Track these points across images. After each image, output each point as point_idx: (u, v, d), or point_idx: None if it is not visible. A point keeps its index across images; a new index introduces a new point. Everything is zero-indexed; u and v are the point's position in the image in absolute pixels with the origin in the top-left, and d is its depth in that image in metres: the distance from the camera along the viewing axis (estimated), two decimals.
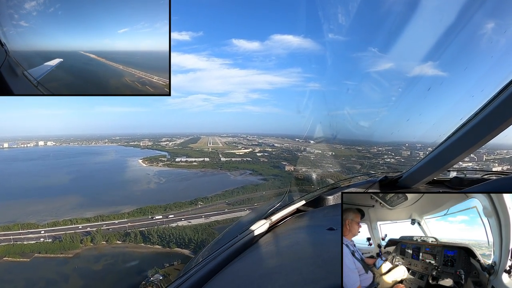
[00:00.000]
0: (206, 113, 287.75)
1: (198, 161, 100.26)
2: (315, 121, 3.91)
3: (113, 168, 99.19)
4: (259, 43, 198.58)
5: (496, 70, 2.63)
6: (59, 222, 60.51)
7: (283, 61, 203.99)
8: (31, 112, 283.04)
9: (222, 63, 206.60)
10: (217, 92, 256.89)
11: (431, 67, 3.10)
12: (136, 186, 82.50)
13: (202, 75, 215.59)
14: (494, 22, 2.73)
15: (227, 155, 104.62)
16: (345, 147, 5.73)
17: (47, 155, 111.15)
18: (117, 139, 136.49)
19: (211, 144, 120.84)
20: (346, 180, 3.54)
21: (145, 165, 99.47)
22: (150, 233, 56.41)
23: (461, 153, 2.64)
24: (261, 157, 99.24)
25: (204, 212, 65.17)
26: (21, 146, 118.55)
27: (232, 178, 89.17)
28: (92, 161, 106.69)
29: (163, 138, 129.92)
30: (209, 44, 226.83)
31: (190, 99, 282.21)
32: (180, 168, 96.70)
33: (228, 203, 68.17)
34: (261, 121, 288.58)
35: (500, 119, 2.20)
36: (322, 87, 5.48)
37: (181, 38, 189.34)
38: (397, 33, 3.42)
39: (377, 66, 5.73)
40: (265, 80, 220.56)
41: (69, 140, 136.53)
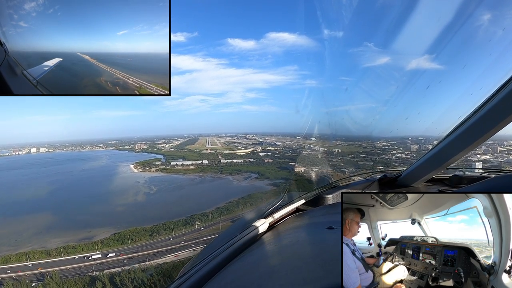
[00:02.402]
0: (204, 114, 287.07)
1: (196, 164, 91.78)
2: (314, 119, 3.90)
3: (100, 176, 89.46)
4: (255, 41, 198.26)
5: (495, 68, 2.64)
6: (12, 257, 48.00)
7: (279, 59, 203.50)
8: (27, 119, 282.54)
9: (218, 63, 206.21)
10: (214, 93, 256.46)
11: (429, 64, 3.10)
12: (121, 199, 70.38)
13: (199, 76, 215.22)
14: (493, 19, 2.73)
15: (227, 156, 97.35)
16: (348, 144, 5.68)
17: (34, 163, 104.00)
18: (113, 143, 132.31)
19: (210, 144, 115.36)
20: (345, 179, 3.54)
21: (136, 171, 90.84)
22: (124, 282, 39.45)
23: (460, 151, 2.64)
24: (265, 157, 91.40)
25: (202, 235, 50.92)
26: (12, 154, 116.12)
27: (235, 184, 78.23)
28: (80, 168, 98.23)
29: (160, 141, 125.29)
30: (204, 45, 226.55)
31: (187, 101, 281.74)
32: (175, 174, 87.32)
33: (233, 220, 45.20)
34: (259, 120, 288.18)
35: (499, 117, 2.20)
36: (319, 84, 5.50)
37: (176, 40, 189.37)
38: (395, 30, 3.41)
39: (375, 62, 5.70)
40: (261, 79, 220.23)
41: (63, 146, 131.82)
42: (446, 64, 3.17)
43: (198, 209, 61.17)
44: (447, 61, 3.09)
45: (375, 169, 4.25)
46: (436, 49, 2.98)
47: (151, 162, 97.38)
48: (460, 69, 3.14)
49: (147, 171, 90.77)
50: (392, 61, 3.92)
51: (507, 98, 2.10)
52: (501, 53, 2.78)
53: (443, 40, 2.87)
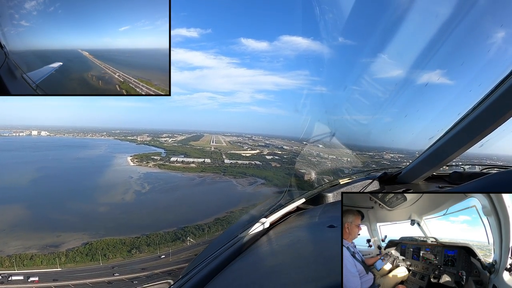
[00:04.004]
0: (211, 112, 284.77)
1: (197, 162, 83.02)
2: (321, 125, 3.88)
3: (93, 166, 79.85)
4: (268, 43, 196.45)
5: (494, 64, 2.64)
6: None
7: (291, 62, 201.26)
8: (37, 102, 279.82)
9: (230, 62, 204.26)
10: (223, 91, 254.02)
11: (428, 62, 3.08)
12: (106, 197, 59.46)
13: (209, 73, 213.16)
14: (490, 16, 2.71)
15: (231, 156, 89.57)
16: (355, 153, 5.57)
17: (30, 146, 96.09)
18: (117, 132, 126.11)
19: (214, 142, 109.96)
20: (345, 177, 3.54)
21: (132, 164, 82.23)
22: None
23: (459, 148, 2.65)
24: (271, 161, 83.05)
25: (193, 254, 35.37)
26: (13, 135, 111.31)
27: (239, 189, 67.20)
28: (74, 156, 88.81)
29: (164, 134, 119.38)
30: (217, 42, 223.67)
31: (195, 97, 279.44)
32: (173, 171, 77.79)
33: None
34: (266, 122, 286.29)
35: (498, 113, 2.21)
36: (329, 91, 5.43)
37: (189, 35, 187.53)
38: (392, 29, 3.38)
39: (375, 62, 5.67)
40: (271, 81, 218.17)
41: (65, 131, 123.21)
42: (444, 62, 3.16)
43: (192, 219, 50.36)
44: (444, 59, 3.07)
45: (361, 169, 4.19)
46: (434, 47, 2.96)
47: (149, 156, 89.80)
48: (458, 66, 3.14)
49: (144, 165, 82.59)
50: (392, 61, 3.88)
51: (506, 94, 2.10)
52: (499, 49, 2.78)
53: (441, 38, 2.86)
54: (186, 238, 43.46)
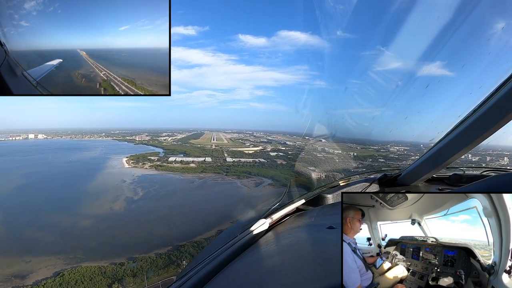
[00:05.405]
0: (211, 109, 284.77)
1: (197, 162, 77.48)
2: (323, 120, 3.87)
3: (84, 169, 72.76)
4: (266, 39, 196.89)
5: (495, 66, 2.64)
6: None
7: (290, 58, 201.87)
8: (34, 104, 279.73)
9: (228, 59, 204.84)
10: (222, 88, 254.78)
11: (429, 64, 3.09)
12: (92, 207, 52.00)
13: (208, 71, 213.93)
14: (493, 18, 2.71)
15: (234, 154, 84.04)
16: (360, 147, 5.42)
17: (23, 150, 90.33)
18: (116, 132, 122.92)
19: (215, 140, 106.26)
20: (345, 179, 3.54)
21: (127, 166, 76.35)
22: None
23: (460, 150, 2.65)
24: (277, 158, 77.30)
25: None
26: (9, 139, 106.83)
27: (244, 191, 58.67)
28: (66, 159, 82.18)
29: (163, 133, 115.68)
30: (215, 39, 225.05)
31: (195, 95, 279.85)
32: (171, 172, 71.45)
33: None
34: (267, 118, 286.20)
35: (499, 116, 2.21)
36: (329, 86, 5.42)
37: (186, 33, 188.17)
38: (394, 30, 3.39)
39: (377, 62, 5.66)
40: (271, 77, 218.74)
41: (63, 133, 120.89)
42: (446, 63, 3.16)
43: (191, 233, 42.17)
44: (446, 61, 3.08)
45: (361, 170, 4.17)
46: (436, 48, 2.97)
47: (146, 156, 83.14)
48: (459, 68, 3.14)
49: (140, 167, 76.29)
50: (392, 61, 3.88)
51: (507, 97, 2.10)
52: (501, 51, 2.78)
53: (443, 39, 2.86)
54: (181, 262, 34.24)
